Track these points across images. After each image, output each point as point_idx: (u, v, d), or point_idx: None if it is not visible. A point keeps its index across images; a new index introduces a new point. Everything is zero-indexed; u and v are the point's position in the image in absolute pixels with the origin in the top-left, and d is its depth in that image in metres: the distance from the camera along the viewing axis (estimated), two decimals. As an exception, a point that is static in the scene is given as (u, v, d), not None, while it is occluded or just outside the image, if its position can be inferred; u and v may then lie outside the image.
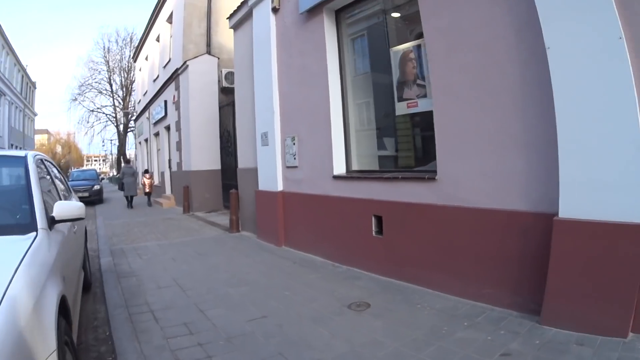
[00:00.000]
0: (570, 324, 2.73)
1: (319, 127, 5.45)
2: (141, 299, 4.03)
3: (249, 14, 6.98)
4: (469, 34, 3.51)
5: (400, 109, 4.54)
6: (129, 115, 35.05)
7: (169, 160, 14.48)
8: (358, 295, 3.85)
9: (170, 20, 13.88)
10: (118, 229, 8.91)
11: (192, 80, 11.38)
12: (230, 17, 7.82)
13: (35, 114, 43.08)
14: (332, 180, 5.23)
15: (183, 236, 7.66)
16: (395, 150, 5.02)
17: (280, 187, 6.26)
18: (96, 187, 16.46)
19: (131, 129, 34.00)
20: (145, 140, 19.82)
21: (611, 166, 2.59)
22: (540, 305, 2.91)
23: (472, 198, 3.51)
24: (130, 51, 35.56)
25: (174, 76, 12.61)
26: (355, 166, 5.28)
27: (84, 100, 39.40)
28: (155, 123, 16.39)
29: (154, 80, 16.31)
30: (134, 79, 29.67)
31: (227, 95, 11.24)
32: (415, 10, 4.14)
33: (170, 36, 13.83)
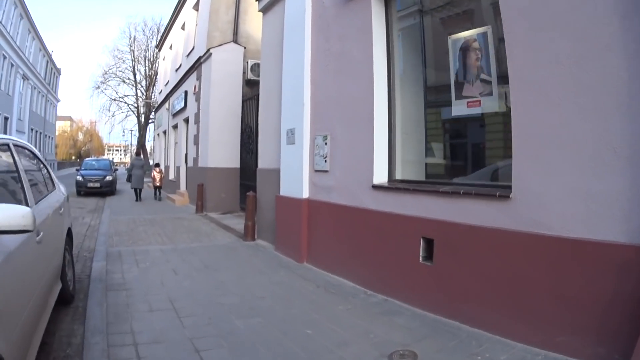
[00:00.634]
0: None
1: (357, 125, 4.61)
2: (127, 324, 3.32)
3: (282, -7, 6.14)
4: (561, 16, 2.78)
5: (458, 108, 3.79)
6: (150, 106, 34.80)
7: (186, 155, 13.75)
8: (400, 339, 3.09)
9: (196, 7, 13.22)
10: (122, 226, 8.23)
11: (215, 70, 10.60)
12: (260, -2, 7.00)
13: (58, 100, 43.66)
14: (371, 191, 4.38)
15: (191, 241, 6.89)
16: (447, 158, 4.24)
17: (305, 194, 5.37)
18: (108, 178, 15.72)
19: (152, 120, 33.73)
20: (164, 132, 19.23)
21: None
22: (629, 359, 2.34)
23: (557, 224, 2.80)
24: (156, 42, 35.46)
25: (197, 65, 11.91)
26: (398, 175, 4.43)
27: (106, 89, 39.61)
28: (174, 114, 15.73)
29: (176, 70, 15.69)
30: (157, 70, 29.32)
31: (252, 88, 10.47)
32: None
33: (196, 24, 13.17)
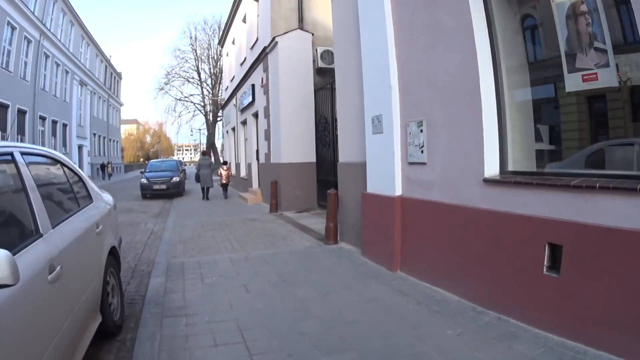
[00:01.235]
0: None
1: (460, 107, 3.81)
2: (182, 369, 2.68)
3: (356, -39, 5.37)
4: None
5: (572, 83, 3.09)
6: (217, 104, 35.62)
7: (257, 151, 13.48)
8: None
9: (257, -3, 12.82)
10: (188, 232, 7.72)
11: (282, 60, 10.07)
12: (329, -27, 6.29)
13: (121, 104, 46.06)
14: (482, 186, 3.57)
15: (265, 247, 6.26)
16: (560, 144, 3.50)
17: (398, 191, 4.62)
18: (175, 179, 15.45)
19: (220, 118, 34.53)
20: (232, 129, 19.31)
21: None
22: None
23: None
24: (217, 39, 36.14)
25: (262, 56, 11.51)
26: (510, 165, 3.57)
27: (170, 90, 41.05)
28: (242, 110, 15.61)
29: (241, 64, 15.51)
30: (222, 67, 29.78)
31: (324, 76, 9.81)
32: None
33: (257, 15, 12.77)
